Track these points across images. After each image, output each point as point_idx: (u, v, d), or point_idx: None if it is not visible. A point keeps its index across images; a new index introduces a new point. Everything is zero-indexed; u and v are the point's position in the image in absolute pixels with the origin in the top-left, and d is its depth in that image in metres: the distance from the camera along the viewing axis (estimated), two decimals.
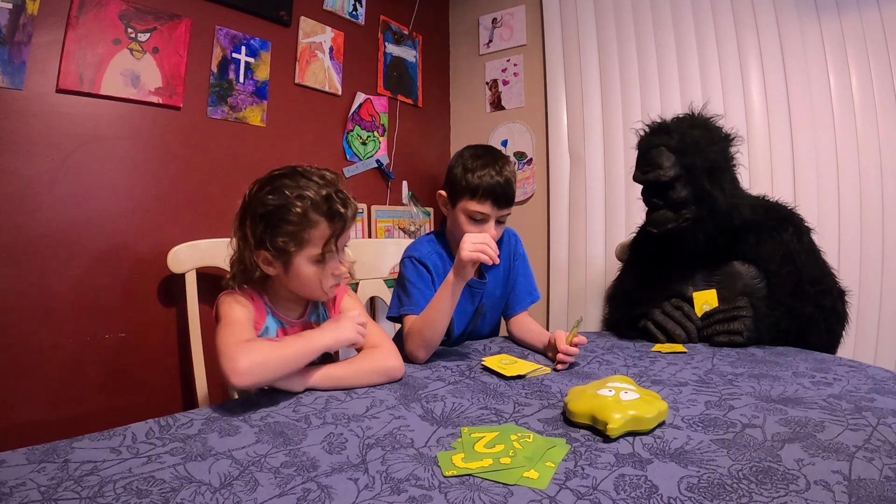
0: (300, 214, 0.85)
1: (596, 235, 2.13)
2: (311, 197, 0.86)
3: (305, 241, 0.87)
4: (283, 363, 0.81)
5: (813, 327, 1.18)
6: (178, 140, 1.53)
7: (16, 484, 0.53)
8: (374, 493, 0.53)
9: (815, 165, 1.74)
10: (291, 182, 0.87)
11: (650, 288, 1.34)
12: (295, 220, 0.85)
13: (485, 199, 1.13)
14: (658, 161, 1.23)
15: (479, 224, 1.15)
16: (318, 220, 0.87)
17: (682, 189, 1.23)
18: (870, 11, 1.65)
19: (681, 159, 1.22)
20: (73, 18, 1.30)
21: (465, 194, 1.15)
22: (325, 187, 0.88)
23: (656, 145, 1.25)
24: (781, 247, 1.25)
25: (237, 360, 0.76)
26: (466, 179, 1.14)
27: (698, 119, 1.28)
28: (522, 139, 2.36)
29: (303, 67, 1.87)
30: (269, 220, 0.86)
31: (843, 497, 0.49)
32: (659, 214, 1.27)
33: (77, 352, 1.32)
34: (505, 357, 1.05)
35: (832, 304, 1.21)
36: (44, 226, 1.28)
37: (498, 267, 1.28)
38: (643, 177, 1.28)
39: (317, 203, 0.86)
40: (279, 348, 0.82)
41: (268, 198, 0.86)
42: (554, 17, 2.24)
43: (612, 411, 0.66)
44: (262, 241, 0.88)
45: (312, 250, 0.88)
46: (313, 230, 0.87)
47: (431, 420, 0.74)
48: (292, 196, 0.86)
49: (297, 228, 0.86)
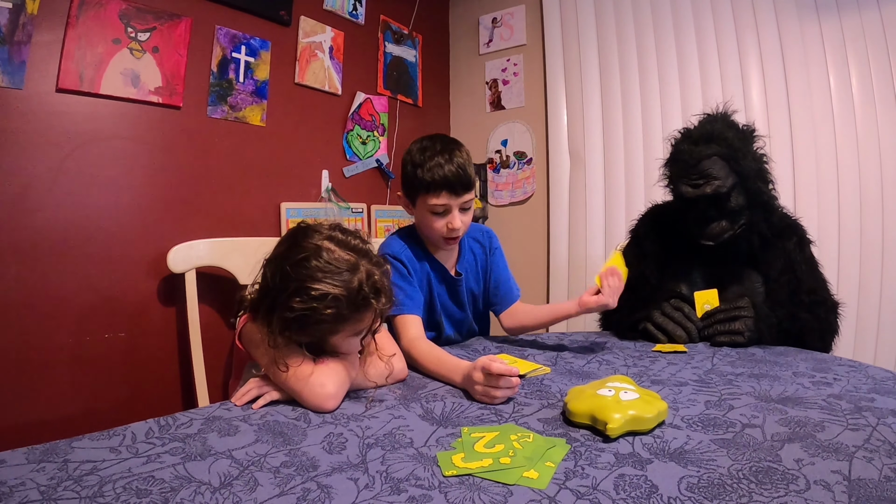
0: (332, 316, 0.78)
1: (596, 235, 2.13)
2: (340, 294, 0.77)
3: (337, 331, 0.82)
4: (350, 376, 0.83)
5: (809, 332, 1.19)
6: (178, 140, 1.53)
7: (15, 484, 0.53)
8: (374, 492, 0.53)
9: (815, 165, 1.74)
10: (318, 272, 0.78)
11: (650, 287, 1.33)
12: (326, 321, 0.78)
13: (440, 190, 1.09)
14: (712, 172, 1.19)
15: (443, 217, 1.12)
16: (349, 317, 0.80)
17: (738, 196, 1.20)
18: (870, 11, 1.65)
19: (733, 166, 1.19)
20: (72, 18, 1.30)
21: (420, 190, 1.12)
22: (355, 272, 0.79)
23: (707, 155, 1.20)
24: (784, 254, 1.25)
25: (327, 386, 0.77)
26: (417, 175, 1.11)
27: (725, 118, 1.26)
28: (522, 139, 2.36)
29: (303, 67, 1.87)
30: (297, 323, 0.79)
31: (842, 497, 0.49)
32: (716, 227, 1.22)
33: (77, 352, 1.32)
34: (505, 357, 1.05)
35: (825, 315, 1.22)
36: (44, 225, 1.28)
37: (472, 261, 1.29)
38: (697, 191, 1.21)
39: (349, 299, 0.78)
40: (343, 363, 0.83)
41: (294, 301, 0.77)
42: (554, 17, 2.24)
43: (612, 411, 0.66)
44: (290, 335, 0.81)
45: (341, 337, 0.83)
46: (345, 324, 0.81)
47: (431, 420, 0.74)
48: (321, 299, 0.77)
49: (329, 328, 0.80)
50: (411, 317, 1.11)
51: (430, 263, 1.22)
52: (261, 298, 0.83)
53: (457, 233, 1.14)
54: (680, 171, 1.25)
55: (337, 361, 0.83)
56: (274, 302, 0.79)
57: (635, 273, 1.38)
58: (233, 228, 1.63)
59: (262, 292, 0.83)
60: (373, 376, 0.89)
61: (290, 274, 0.78)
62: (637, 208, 1.76)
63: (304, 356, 0.82)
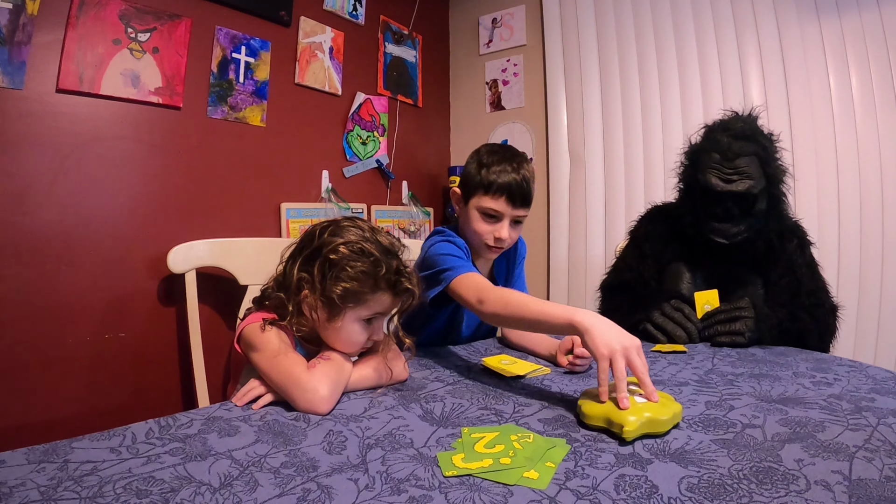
0: (372, 276, 0.82)
1: (596, 235, 2.13)
2: (385, 268, 0.83)
3: (363, 301, 0.84)
4: (342, 379, 0.83)
5: (808, 334, 1.19)
6: (178, 140, 1.53)
7: (16, 484, 0.53)
8: (374, 493, 0.53)
9: (815, 165, 1.74)
10: (367, 245, 0.84)
11: (649, 288, 1.33)
12: (362, 279, 0.82)
13: (499, 194, 1.08)
14: (748, 171, 1.18)
15: (492, 222, 1.10)
16: (385, 290, 0.84)
17: (762, 201, 1.20)
18: (870, 11, 1.65)
19: (766, 169, 1.19)
20: (73, 18, 1.30)
21: (479, 189, 1.10)
22: (397, 259, 0.86)
23: (747, 153, 1.18)
24: (785, 256, 1.25)
25: (320, 389, 0.77)
26: (481, 175, 1.09)
27: (755, 122, 1.25)
28: (522, 139, 2.36)
29: (303, 67, 1.87)
30: (336, 266, 0.82)
31: (843, 497, 0.49)
32: (734, 227, 1.21)
33: (77, 351, 1.32)
34: (505, 357, 1.04)
35: (824, 317, 1.22)
36: (44, 226, 1.28)
37: (504, 271, 1.27)
38: (729, 187, 1.18)
39: (388, 275, 0.83)
40: (333, 365, 0.83)
41: (341, 246, 0.83)
42: (554, 17, 2.25)
43: (627, 414, 0.66)
44: (317, 285, 0.84)
45: (365, 312, 0.85)
46: (375, 296, 0.84)
47: (431, 420, 0.74)
48: (368, 258, 0.83)
49: (361, 288, 0.83)
50: (473, 273, 1.01)
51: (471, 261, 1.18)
52: (297, 255, 0.87)
53: (502, 244, 1.11)
54: (712, 161, 1.21)
55: (330, 364, 0.83)
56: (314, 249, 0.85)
57: (634, 274, 1.38)
58: (233, 228, 1.63)
59: (301, 244, 0.88)
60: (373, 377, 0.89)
61: (338, 234, 0.85)
62: (637, 208, 1.76)
63: (297, 359, 0.82)
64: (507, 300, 0.91)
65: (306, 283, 0.84)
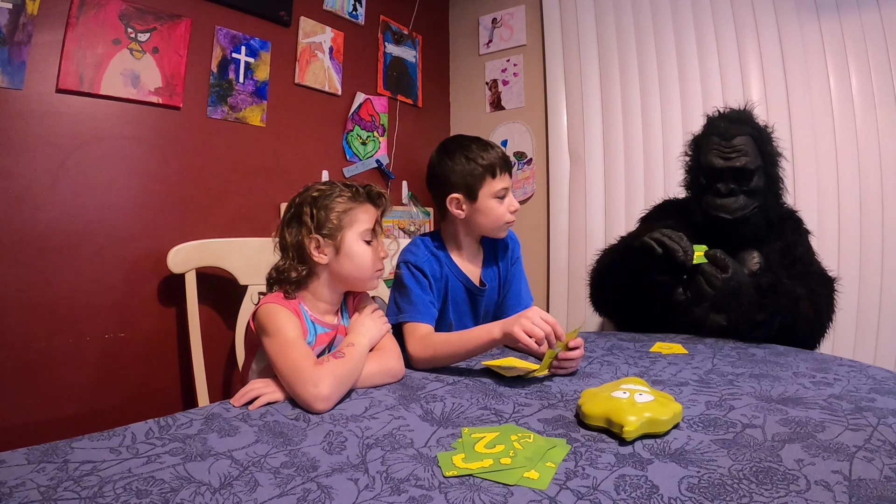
0: (348, 196, 0.98)
1: (596, 235, 2.13)
2: (354, 188, 1.00)
3: (354, 219, 0.97)
4: (350, 378, 0.85)
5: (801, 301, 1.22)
6: (178, 140, 1.53)
7: (16, 484, 0.53)
8: (374, 493, 0.53)
9: (815, 165, 1.74)
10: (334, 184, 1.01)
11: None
12: (343, 201, 0.97)
13: (502, 171, 1.15)
14: (744, 149, 1.29)
15: (503, 200, 1.17)
16: (363, 202, 0.99)
17: (759, 178, 1.30)
18: (870, 11, 1.65)
19: (761, 149, 1.31)
20: (72, 18, 1.30)
21: (486, 176, 1.14)
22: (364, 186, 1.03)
23: (742, 133, 1.30)
24: (781, 238, 1.34)
25: (320, 386, 0.78)
26: (477, 163, 1.13)
27: (750, 112, 1.37)
28: (522, 139, 2.36)
29: (303, 67, 1.87)
30: (319, 202, 0.96)
31: (843, 497, 0.49)
32: (733, 201, 1.31)
33: (77, 351, 1.32)
34: (505, 358, 1.05)
35: (822, 288, 1.27)
36: (44, 226, 1.28)
37: (495, 271, 1.28)
38: (727, 163, 1.30)
39: (359, 191, 1.00)
40: (344, 364, 0.84)
41: (314, 191, 0.98)
42: (554, 17, 2.24)
43: (628, 414, 0.66)
44: (314, 225, 0.95)
45: (361, 226, 0.97)
46: (360, 209, 0.98)
47: (431, 420, 0.74)
48: (337, 188, 0.99)
49: (346, 206, 0.97)
50: (421, 324, 1.09)
51: (455, 273, 1.21)
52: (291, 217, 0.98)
53: (516, 213, 1.20)
54: (712, 144, 1.33)
55: (341, 362, 0.84)
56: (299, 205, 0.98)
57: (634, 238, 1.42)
58: (233, 228, 1.63)
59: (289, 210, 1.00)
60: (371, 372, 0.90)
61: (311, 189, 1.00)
62: (637, 208, 1.77)
63: (307, 352, 0.83)
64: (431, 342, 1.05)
65: (304, 231, 0.95)
